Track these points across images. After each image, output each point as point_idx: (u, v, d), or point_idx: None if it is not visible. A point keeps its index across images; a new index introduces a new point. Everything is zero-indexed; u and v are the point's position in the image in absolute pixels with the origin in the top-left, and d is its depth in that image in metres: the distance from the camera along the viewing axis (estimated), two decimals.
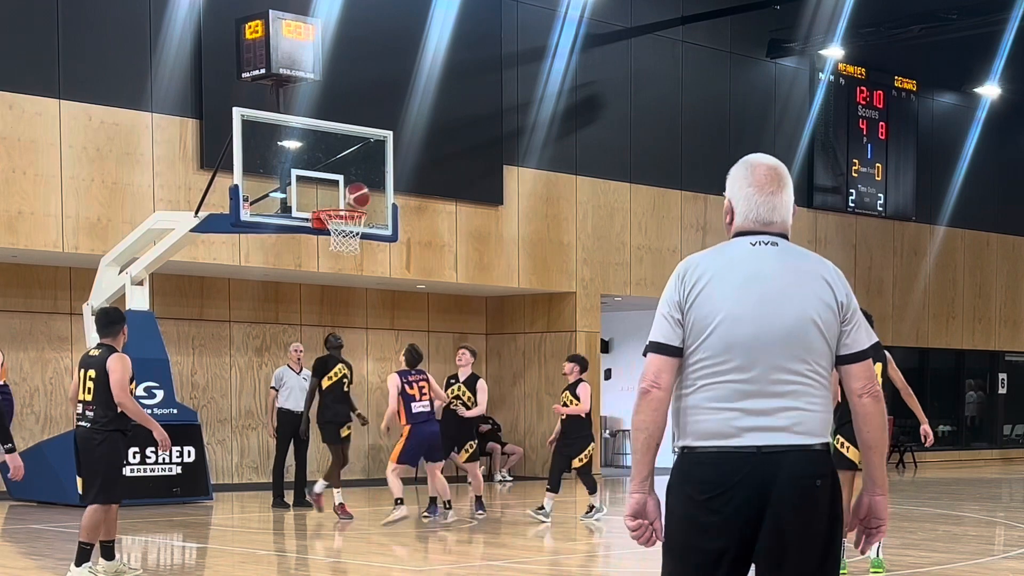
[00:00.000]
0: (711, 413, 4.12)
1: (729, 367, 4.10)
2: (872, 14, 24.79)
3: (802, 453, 4.10)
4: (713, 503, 4.07)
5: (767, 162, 4.31)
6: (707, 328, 4.12)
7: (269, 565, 11.98)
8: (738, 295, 4.13)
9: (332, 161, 15.35)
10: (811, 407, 4.13)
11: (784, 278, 4.17)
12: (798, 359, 4.12)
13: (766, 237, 4.25)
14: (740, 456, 4.07)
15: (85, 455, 10.11)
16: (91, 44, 17.52)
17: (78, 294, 18.33)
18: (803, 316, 4.13)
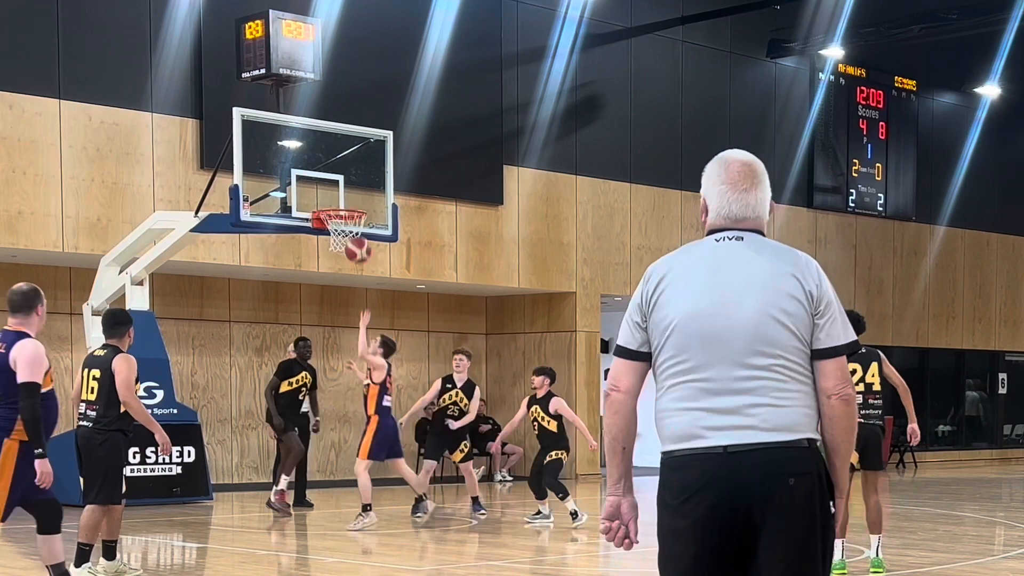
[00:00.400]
0: (679, 415, 4.02)
1: (690, 366, 4.00)
2: (872, 14, 24.78)
3: (772, 451, 3.92)
4: (685, 508, 3.95)
5: (741, 158, 4.27)
6: (668, 328, 4.03)
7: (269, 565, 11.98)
8: (697, 292, 4.03)
9: (332, 161, 15.35)
10: (781, 402, 3.95)
11: (745, 272, 4.04)
12: (760, 354, 3.96)
13: (731, 232, 4.14)
14: (708, 457, 3.93)
15: (86, 455, 10.12)
16: (91, 44, 17.52)
17: (78, 294, 18.33)
18: (762, 310, 3.97)
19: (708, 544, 3.93)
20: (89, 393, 10.09)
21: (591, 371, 23.50)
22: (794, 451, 3.95)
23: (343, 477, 22.04)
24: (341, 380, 21.46)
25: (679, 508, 3.97)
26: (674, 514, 3.99)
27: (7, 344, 8.36)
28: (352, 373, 16.47)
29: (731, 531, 3.92)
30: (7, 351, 8.32)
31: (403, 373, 23.25)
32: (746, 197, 4.19)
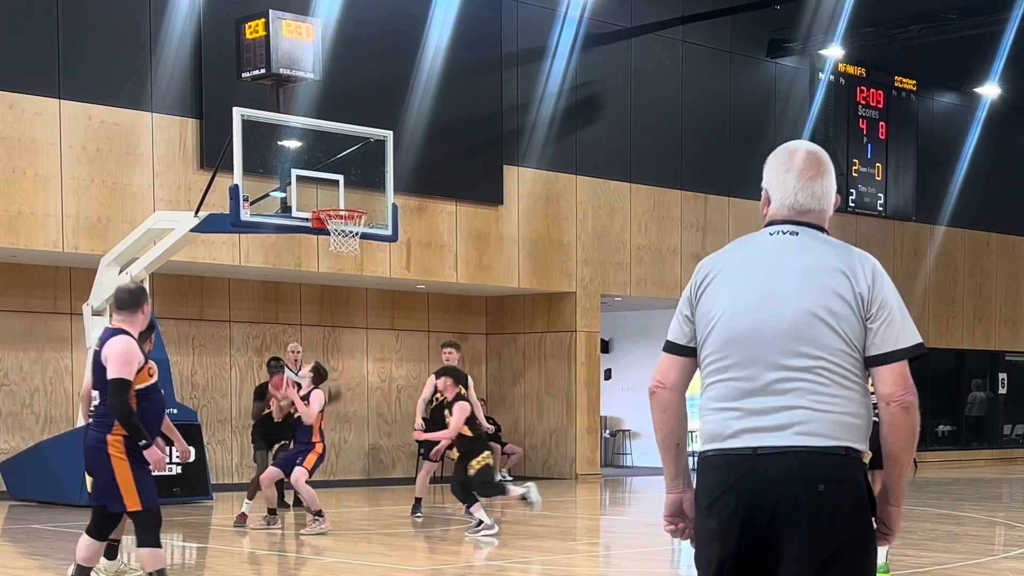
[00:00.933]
0: (715, 413, 3.89)
1: (729, 363, 3.85)
2: (872, 14, 24.78)
3: (802, 455, 3.75)
4: (712, 509, 3.84)
5: (808, 147, 4.07)
6: (710, 323, 3.90)
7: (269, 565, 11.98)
8: (741, 287, 3.88)
9: (332, 161, 15.34)
10: (819, 406, 3.78)
11: (793, 268, 3.86)
12: (801, 355, 3.79)
13: (787, 227, 3.98)
14: (737, 458, 3.79)
15: None
16: (91, 44, 17.52)
17: (78, 294, 18.33)
18: (805, 308, 3.80)
19: (733, 547, 3.80)
20: None
21: (591, 371, 23.50)
22: (829, 457, 3.78)
23: (343, 478, 22.05)
24: (341, 380, 21.45)
25: (708, 509, 3.86)
26: (704, 516, 3.89)
27: (101, 341, 8.39)
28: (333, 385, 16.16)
29: (756, 536, 3.77)
30: (101, 347, 8.33)
31: (403, 373, 23.26)
32: (812, 186, 4.01)
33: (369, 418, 22.80)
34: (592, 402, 23.44)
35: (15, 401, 18.95)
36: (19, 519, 15.51)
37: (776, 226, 4.00)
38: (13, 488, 17.44)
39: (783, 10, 24.67)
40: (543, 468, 23.40)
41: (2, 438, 18.82)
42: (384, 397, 23.08)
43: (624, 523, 17.73)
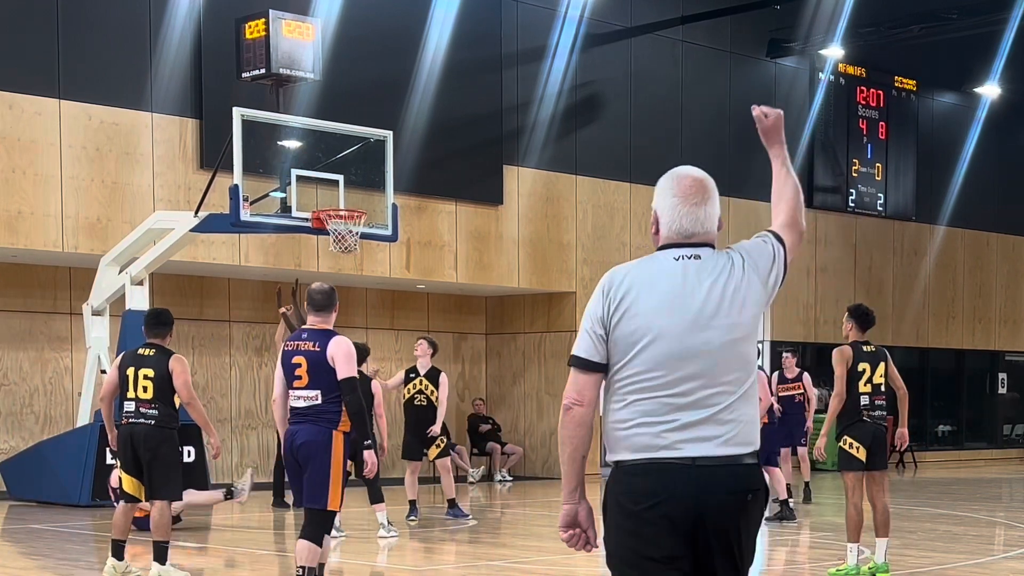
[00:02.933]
0: (645, 427, 4.11)
1: (660, 383, 4.10)
2: (872, 14, 24.78)
3: (735, 467, 4.12)
4: (652, 513, 4.07)
5: (693, 173, 4.39)
6: (636, 345, 4.12)
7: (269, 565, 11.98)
8: (665, 311, 4.13)
9: (332, 161, 15.34)
10: (742, 418, 4.14)
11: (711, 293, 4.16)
12: (728, 372, 4.13)
13: (689, 250, 4.23)
14: (676, 467, 4.08)
15: (150, 452, 10.15)
16: (91, 44, 17.51)
17: (78, 294, 18.33)
18: (731, 330, 4.14)
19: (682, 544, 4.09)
20: (142, 392, 10.20)
21: None
22: (749, 468, 4.16)
23: None
24: None
25: (645, 513, 4.08)
26: (640, 519, 4.10)
27: (319, 342, 8.61)
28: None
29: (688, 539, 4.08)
30: (323, 349, 8.56)
31: None
32: (696, 211, 4.28)
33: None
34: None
35: (15, 401, 18.94)
36: (19, 519, 15.51)
37: (676, 250, 4.24)
38: (13, 488, 17.43)
39: (783, 10, 24.67)
40: (543, 468, 23.40)
41: (2, 438, 18.82)
42: (384, 397, 23.02)
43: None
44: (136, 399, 10.22)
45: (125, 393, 10.27)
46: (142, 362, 10.30)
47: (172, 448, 10.32)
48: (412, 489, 15.29)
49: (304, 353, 8.60)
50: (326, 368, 8.52)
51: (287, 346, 8.76)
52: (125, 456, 10.23)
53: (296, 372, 8.58)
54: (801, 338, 26.84)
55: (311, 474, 8.49)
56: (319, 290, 8.89)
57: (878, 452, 10.60)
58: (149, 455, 10.18)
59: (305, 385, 8.57)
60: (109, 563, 10.32)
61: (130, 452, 10.19)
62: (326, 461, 8.49)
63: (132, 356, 10.42)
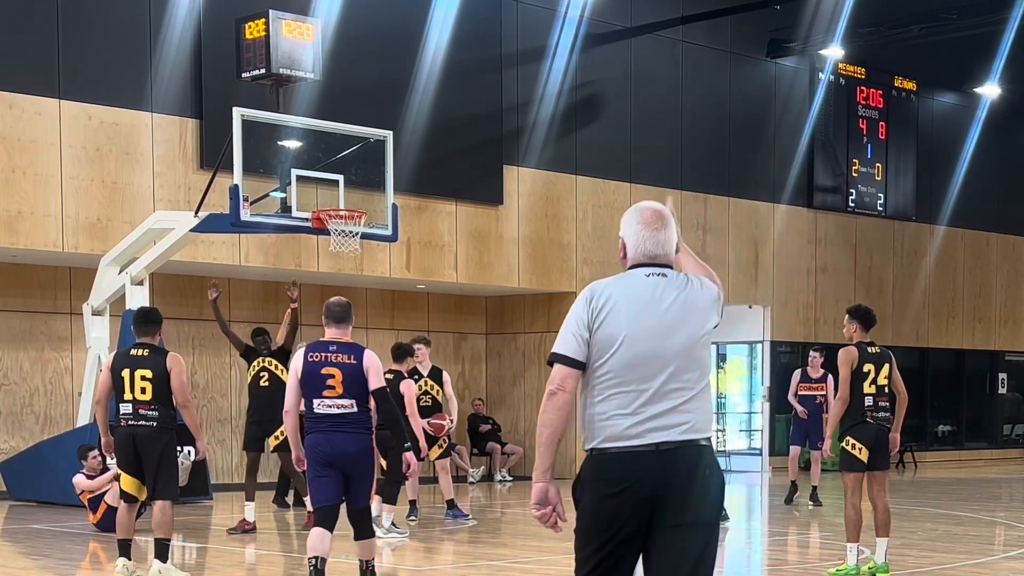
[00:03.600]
0: (618, 419, 4.87)
1: (632, 379, 4.86)
2: (872, 14, 24.78)
3: (694, 448, 4.88)
4: (624, 495, 4.79)
5: (653, 206, 5.21)
6: (612, 347, 4.87)
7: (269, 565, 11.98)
8: (637, 319, 4.90)
9: (332, 161, 15.33)
10: (698, 410, 4.91)
11: (675, 305, 4.96)
12: (688, 371, 4.91)
13: (655, 269, 5.03)
14: (644, 453, 4.82)
15: (151, 453, 10.18)
16: (91, 44, 17.51)
17: (78, 294, 18.33)
18: (691, 337, 4.93)
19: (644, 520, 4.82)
20: (140, 393, 10.15)
21: None
22: (705, 448, 4.93)
23: None
24: None
25: (619, 496, 4.80)
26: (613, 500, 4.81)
27: (353, 355, 9.27)
28: None
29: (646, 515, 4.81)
30: (359, 362, 9.23)
31: None
32: (657, 236, 5.09)
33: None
34: None
35: (15, 401, 18.95)
36: (19, 519, 15.51)
37: (645, 268, 5.05)
38: (13, 488, 17.44)
39: (783, 10, 24.66)
40: None
41: (2, 438, 18.82)
42: None
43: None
44: (134, 401, 10.14)
45: (121, 395, 10.17)
46: (137, 363, 10.19)
47: (173, 448, 10.33)
48: (413, 489, 15.30)
49: (337, 365, 9.18)
50: (361, 380, 9.17)
51: (313, 357, 9.21)
52: (125, 457, 10.20)
53: (328, 383, 9.14)
54: (801, 338, 26.83)
55: (360, 479, 9.18)
56: (338, 303, 9.48)
57: (880, 453, 10.60)
58: (152, 457, 10.18)
59: (340, 395, 9.16)
60: (120, 562, 10.34)
61: (131, 454, 10.17)
62: (371, 466, 9.29)
63: (125, 357, 10.29)
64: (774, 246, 25.94)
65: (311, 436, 9.20)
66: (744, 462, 25.94)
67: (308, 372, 9.17)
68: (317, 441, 9.15)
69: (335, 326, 9.42)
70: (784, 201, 26.14)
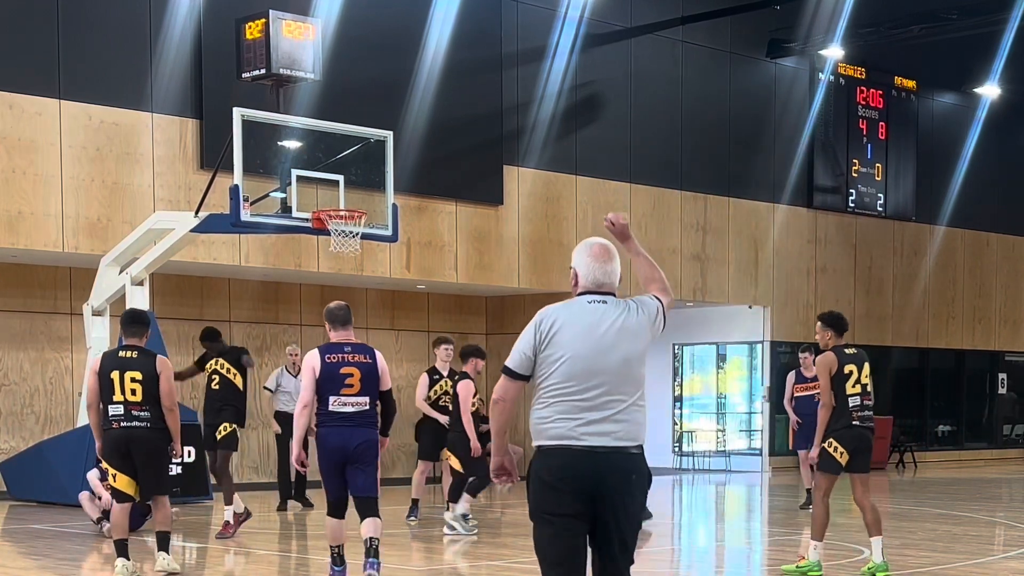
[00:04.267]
0: (560, 422, 5.72)
1: (572, 391, 5.69)
2: (872, 14, 24.78)
3: (623, 455, 5.72)
4: (563, 484, 5.69)
5: (601, 241, 5.95)
6: (556, 363, 5.71)
7: (269, 565, 11.99)
8: (579, 340, 5.72)
9: (332, 161, 15.32)
10: (630, 421, 5.73)
11: (612, 328, 5.76)
12: (622, 386, 5.73)
13: (599, 296, 5.83)
14: (580, 453, 5.67)
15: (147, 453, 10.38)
16: (91, 44, 17.52)
17: (78, 294, 18.33)
18: (626, 357, 5.74)
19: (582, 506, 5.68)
20: (131, 395, 10.29)
21: None
22: (637, 457, 5.77)
23: None
24: None
25: (558, 484, 5.70)
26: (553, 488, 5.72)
27: (367, 354, 9.87)
28: None
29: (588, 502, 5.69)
30: (373, 361, 9.84)
31: (403, 373, 23.25)
32: (605, 267, 5.88)
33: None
34: None
35: (15, 401, 18.95)
36: (19, 519, 15.52)
37: (590, 295, 5.86)
38: (13, 488, 17.44)
39: (783, 10, 24.67)
40: None
41: (2, 438, 18.82)
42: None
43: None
44: (125, 402, 10.26)
45: (110, 397, 10.27)
46: (127, 364, 10.31)
47: (165, 446, 10.51)
48: (419, 489, 15.26)
49: (356, 365, 9.78)
50: (375, 379, 9.82)
51: (331, 358, 9.74)
52: (119, 458, 10.30)
53: (348, 381, 9.74)
54: (801, 338, 26.80)
55: (370, 469, 9.82)
56: (340, 307, 10.00)
57: (862, 455, 10.65)
58: (146, 456, 10.34)
59: (357, 392, 9.77)
60: (120, 563, 10.35)
61: (125, 454, 10.29)
62: (376, 456, 9.86)
63: (114, 359, 10.40)
64: (774, 246, 25.95)
65: (322, 430, 9.72)
66: (744, 462, 25.95)
67: (327, 371, 9.65)
68: (330, 435, 9.70)
69: (342, 328, 9.90)
70: (784, 201, 26.15)
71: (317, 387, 9.66)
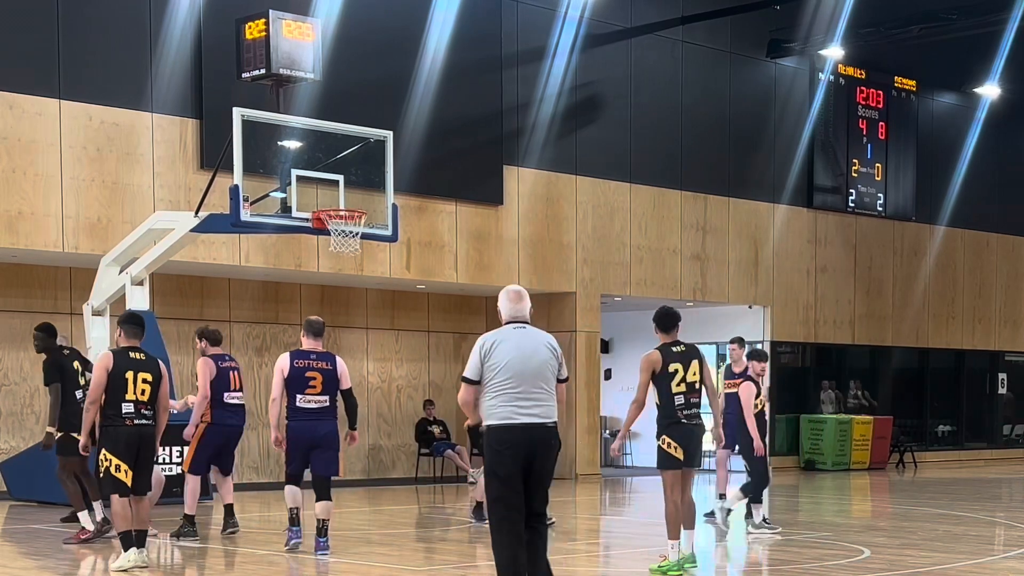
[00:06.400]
0: (501, 409, 8.40)
1: (508, 387, 8.39)
2: (872, 14, 24.79)
3: (545, 428, 8.48)
4: (506, 451, 8.37)
5: (515, 288, 8.72)
6: (496, 369, 8.40)
7: (269, 565, 11.99)
8: (510, 352, 8.43)
9: (332, 161, 15.32)
10: (548, 404, 8.52)
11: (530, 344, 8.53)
12: (541, 382, 8.49)
13: (518, 324, 8.61)
14: (516, 428, 8.39)
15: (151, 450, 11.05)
16: (91, 44, 17.52)
17: (78, 294, 18.33)
18: (542, 363, 8.51)
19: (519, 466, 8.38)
20: (141, 395, 10.83)
21: (591, 371, 23.50)
22: (552, 429, 8.53)
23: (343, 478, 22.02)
24: None
25: (503, 451, 8.38)
26: (500, 453, 8.39)
27: (329, 362, 12.09)
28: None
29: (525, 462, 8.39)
30: (333, 368, 12.05)
31: (403, 373, 23.26)
32: (519, 305, 8.67)
33: (369, 418, 22.79)
34: (592, 402, 23.44)
35: (15, 401, 18.95)
36: (19, 519, 15.52)
37: (513, 323, 8.62)
38: (13, 488, 17.44)
39: (783, 10, 24.68)
40: None
41: (2, 438, 18.83)
42: (384, 397, 23.08)
43: (624, 523, 17.76)
44: (135, 401, 10.73)
45: (123, 395, 10.68)
46: (140, 366, 10.82)
47: None
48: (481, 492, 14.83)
49: (319, 370, 11.98)
50: (336, 381, 12.07)
51: (298, 363, 11.93)
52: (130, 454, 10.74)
53: (312, 383, 11.92)
54: (801, 338, 26.85)
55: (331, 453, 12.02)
56: (318, 321, 12.34)
57: (694, 451, 10.76)
58: (150, 453, 10.97)
59: (319, 392, 11.98)
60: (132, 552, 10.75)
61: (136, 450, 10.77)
62: (337, 443, 12.08)
63: (127, 359, 10.81)
64: (774, 246, 25.95)
65: (295, 423, 11.95)
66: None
67: (294, 374, 11.86)
68: (299, 427, 11.95)
69: (313, 338, 12.11)
70: (784, 201, 26.15)
71: (285, 386, 11.86)
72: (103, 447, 10.79)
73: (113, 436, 10.72)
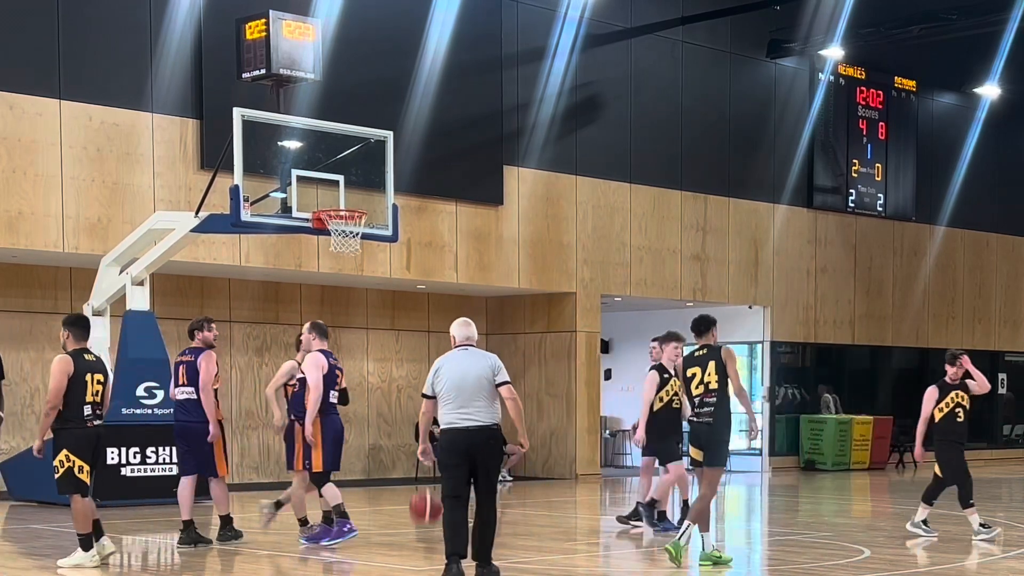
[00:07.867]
0: (449, 415, 10.02)
1: (453, 397, 10.01)
2: (872, 14, 24.79)
3: (487, 429, 9.99)
4: (454, 448, 9.99)
5: (463, 319, 10.37)
6: (443, 384, 10.05)
7: (269, 565, 11.99)
8: (455, 369, 10.06)
9: (332, 161, 15.33)
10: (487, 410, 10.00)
11: (472, 362, 10.08)
12: (480, 392, 9.99)
13: (465, 346, 10.20)
14: (461, 430, 9.97)
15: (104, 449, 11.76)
16: (91, 44, 17.52)
17: (78, 294, 18.34)
18: (478, 377, 10.01)
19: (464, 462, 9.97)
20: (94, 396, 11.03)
21: (591, 371, 23.50)
22: (494, 429, 10.05)
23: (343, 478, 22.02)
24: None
25: (449, 450, 9.99)
26: (447, 451, 10.00)
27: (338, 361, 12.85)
28: None
29: (469, 460, 9.98)
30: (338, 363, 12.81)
31: (403, 373, 23.27)
32: (467, 330, 10.27)
33: (369, 418, 22.80)
34: (592, 402, 23.44)
35: (15, 401, 18.95)
36: (19, 519, 15.52)
37: (460, 347, 10.19)
38: (13, 488, 17.44)
39: (783, 10, 24.68)
40: (543, 468, 23.41)
41: (2, 438, 18.82)
42: (384, 397, 23.09)
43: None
44: (92, 403, 10.91)
45: (83, 397, 10.83)
46: (94, 367, 10.97)
47: None
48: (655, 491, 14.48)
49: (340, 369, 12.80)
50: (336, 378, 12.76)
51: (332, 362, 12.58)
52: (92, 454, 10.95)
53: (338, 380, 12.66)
54: (801, 338, 26.85)
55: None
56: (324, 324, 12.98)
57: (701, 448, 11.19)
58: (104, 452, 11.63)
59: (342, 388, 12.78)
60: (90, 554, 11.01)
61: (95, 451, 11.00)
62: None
63: (83, 361, 10.91)
64: (774, 246, 25.95)
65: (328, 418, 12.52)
66: (744, 462, 25.95)
67: (331, 372, 12.50)
68: (333, 422, 12.59)
69: (325, 340, 12.79)
70: (784, 201, 26.15)
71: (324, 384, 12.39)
72: (64, 448, 10.85)
73: (75, 437, 10.83)
